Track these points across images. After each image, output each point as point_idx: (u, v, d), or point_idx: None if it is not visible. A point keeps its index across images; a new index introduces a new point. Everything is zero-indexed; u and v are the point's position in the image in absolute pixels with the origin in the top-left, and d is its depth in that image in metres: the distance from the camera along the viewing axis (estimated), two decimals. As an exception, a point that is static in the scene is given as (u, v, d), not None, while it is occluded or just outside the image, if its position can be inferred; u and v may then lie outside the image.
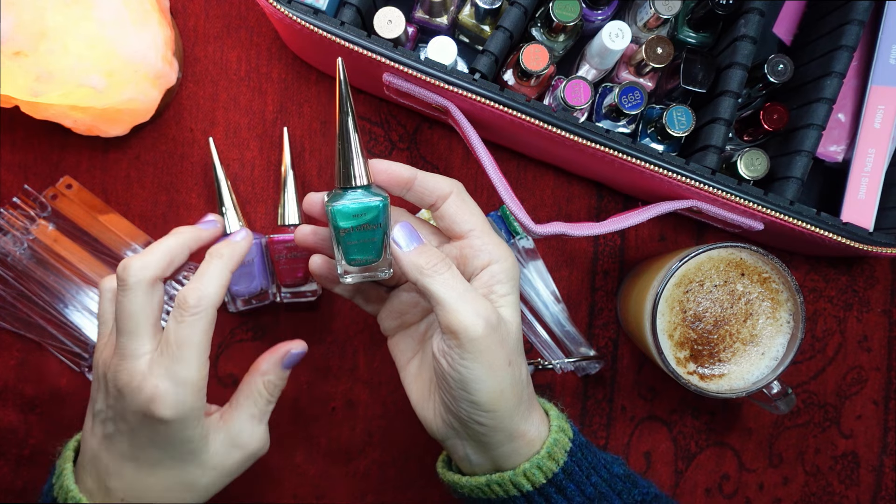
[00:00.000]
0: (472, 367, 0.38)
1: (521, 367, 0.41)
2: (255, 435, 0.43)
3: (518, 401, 0.40)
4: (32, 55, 0.43)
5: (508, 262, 0.41)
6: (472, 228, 0.41)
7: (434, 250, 0.40)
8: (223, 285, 0.39)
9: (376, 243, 0.40)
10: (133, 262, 0.39)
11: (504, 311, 0.40)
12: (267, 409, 0.43)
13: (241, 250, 0.41)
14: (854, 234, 0.51)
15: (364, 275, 0.41)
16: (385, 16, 0.51)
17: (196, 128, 0.57)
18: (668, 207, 0.51)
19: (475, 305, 0.38)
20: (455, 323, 0.38)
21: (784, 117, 0.54)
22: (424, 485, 0.58)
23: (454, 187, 0.41)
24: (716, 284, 0.50)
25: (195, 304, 0.38)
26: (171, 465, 0.40)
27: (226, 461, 0.42)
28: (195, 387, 0.38)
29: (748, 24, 0.51)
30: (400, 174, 0.41)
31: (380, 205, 0.39)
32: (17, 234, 0.55)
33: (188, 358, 0.38)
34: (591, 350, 0.57)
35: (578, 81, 0.51)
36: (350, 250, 0.40)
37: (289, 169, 0.55)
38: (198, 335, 0.38)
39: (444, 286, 0.38)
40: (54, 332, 0.55)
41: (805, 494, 0.60)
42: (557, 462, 0.41)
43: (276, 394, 0.44)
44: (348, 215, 0.39)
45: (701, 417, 0.60)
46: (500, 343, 0.39)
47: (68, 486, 0.41)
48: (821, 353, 0.61)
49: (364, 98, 0.58)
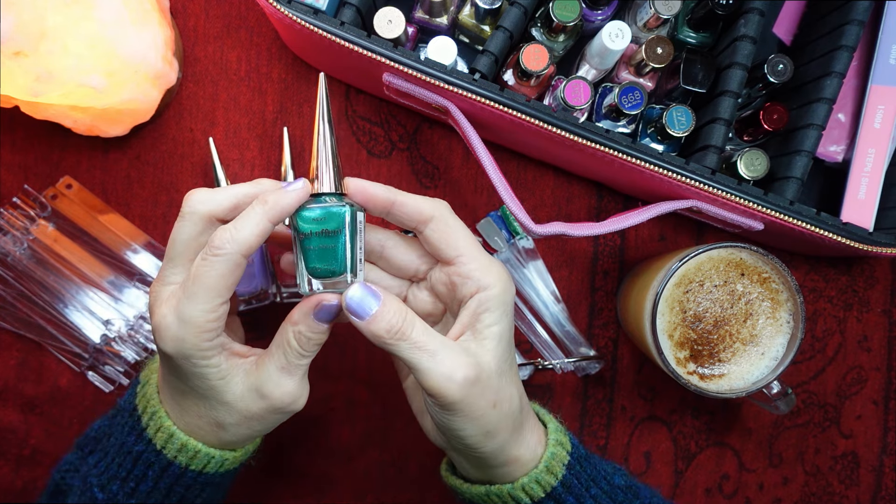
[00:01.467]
0: (454, 420, 0.38)
1: (511, 399, 0.40)
2: (281, 387, 0.39)
3: (509, 432, 0.40)
4: (32, 55, 0.43)
5: (498, 288, 0.39)
6: (459, 255, 0.39)
7: (393, 310, 0.37)
8: (258, 234, 0.36)
9: (337, 253, 0.38)
10: (195, 194, 0.37)
11: (487, 344, 0.38)
12: (298, 362, 0.39)
13: (288, 201, 0.37)
14: (854, 234, 0.51)
15: (325, 290, 0.39)
16: (385, 16, 0.51)
17: (196, 128, 0.57)
18: (668, 207, 0.51)
19: (450, 365, 0.37)
20: (430, 388, 0.37)
21: (784, 117, 0.54)
22: (424, 485, 0.58)
23: (436, 211, 0.39)
24: (716, 284, 0.50)
25: (219, 245, 0.35)
26: (197, 398, 0.40)
27: (251, 407, 0.39)
28: (199, 328, 0.36)
29: (748, 24, 0.51)
30: (375, 196, 0.39)
31: (343, 212, 0.37)
32: (17, 234, 0.55)
33: (198, 297, 0.36)
34: (591, 350, 0.57)
35: (578, 81, 0.51)
36: (310, 257, 0.38)
37: (289, 169, 0.55)
38: (213, 277, 0.36)
39: (412, 351, 0.37)
40: (54, 332, 0.55)
41: (805, 494, 0.60)
42: (556, 476, 0.41)
43: (310, 348, 0.39)
44: (308, 219, 0.37)
45: (701, 417, 0.60)
46: (480, 394, 0.38)
47: (151, 395, 0.41)
48: (821, 353, 0.61)
49: (364, 98, 0.58)
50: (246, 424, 0.40)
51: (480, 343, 0.38)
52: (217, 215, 0.37)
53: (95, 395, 0.56)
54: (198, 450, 0.41)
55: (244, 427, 0.40)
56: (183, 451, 0.40)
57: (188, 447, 0.40)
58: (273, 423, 0.41)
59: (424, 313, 0.43)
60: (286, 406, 0.40)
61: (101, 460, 0.42)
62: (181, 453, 0.40)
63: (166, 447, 0.40)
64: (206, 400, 0.39)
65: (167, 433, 0.40)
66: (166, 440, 0.40)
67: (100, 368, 0.56)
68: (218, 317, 0.37)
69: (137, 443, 0.41)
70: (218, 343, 0.38)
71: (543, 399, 0.59)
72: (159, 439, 0.40)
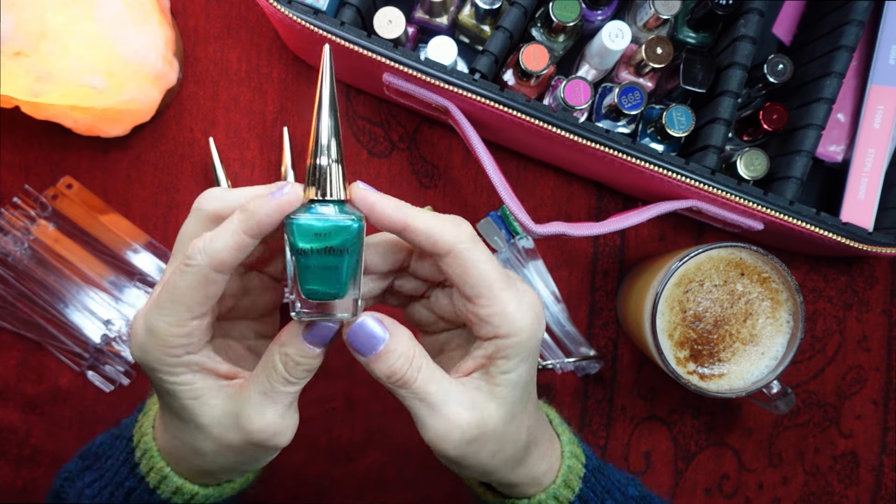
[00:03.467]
0: (455, 467, 0.36)
1: (517, 441, 0.36)
2: (263, 417, 0.34)
3: (515, 463, 0.37)
4: (33, 55, 0.43)
5: (521, 337, 0.33)
6: (479, 295, 0.33)
7: (400, 351, 0.33)
8: (232, 247, 0.31)
9: (340, 275, 0.32)
10: (208, 192, 0.34)
11: (500, 391, 0.34)
12: (283, 389, 0.34)
13: (267, 211, 0.31)
14: (854, 233, 0.51)
15: (320, 315, 0.33)
16: (385, 16, 0.51)
17: (196, 128, 0.57)
18: (667, 207, 0.51)
19: (451, 422, 0.33)
20: (427, 440, 0.34)
21: (784, 117, 0.54)
22: (424, 485, 0.58)
23: (456, 242, 0.33)
24: (715, 284, 0.50)
25: (191, 255, 0.31)
26: (172, 416, 0.36)
27: (228, 436, 0.34)
28: (164, 342, 0.32)
29: (748, 24, 0.51)
30: (384, 214, 0.32)
31: (353, 227, 0.31)
32: (17, 234, 0.55)
33: (164, 308, 0.32)
34: (591, 350, 0.57)
35: (578, 81, 0.51)
36: (307, 277, 0.32)
37: (289, 169, 0.55)
38: (181, 288, 0.31)
39: (411, 400, 0.33)
40: (55, 332, 0.55)
41: (805, 494, 0.61)
42: (573, 490, 0.39)
43: (299, 374, 0.34)
44: (309, 233, 0.31)
45: (701, 417, 0.60)
46: (479, 449, 0.34)
47: (146, 429, 0.39)
48: (820, 352, 0.61)
49: (364, 98, 0.58)
50: (224, 455, 0.35)
51: (492, 389, 0.34)
52: (224, 215, 0.33)
53: (96, 395, 0.56)
54: (194, 493, 0.38)
55: (223, 457, 0.36)
56: (178, 493, 0.38)
57: (184, 491, 0.38)
58: (255, 457, 0.36)
59: (446, 318, 0.39)
60: (266, 440, 0.34)
61: (97, 481, 0.39)
62: (176, 495, 0.38)
63: (160, 488, 0.38)
64: (182, 421, 0.35)
65: (160, 475, 0.37)
66: (159, 481, 0.38)
67: (100, 368, 0.56)
68: (186, 332, 0.32)
69: (129, 478, 0.38)
70: (191, 361, 0.33)
71: (543, 399, 0.59)
72: (152, 479, 0.38)
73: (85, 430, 0.56)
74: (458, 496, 0.58)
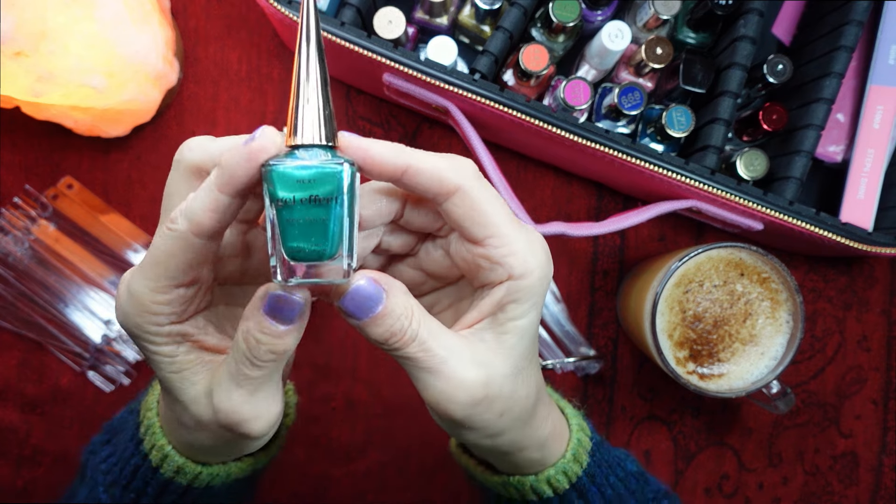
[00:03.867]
0: (460, 431, 0.33)
1: (527, 398, 0.34)
2: (230, 400, 0.30)
3: (523, 423, 0.35)
4: (33, 55, 0.43)
5: (535, 276, 0.31)
6: (489, 236, 0.30)
7: (399, 310, 0.30)
8: (209, 208, 0.27)
9: (329, 228, 0.27)
10: (188, 141, 0.30)
11: (508, 339, 0.31)
12: (248, 372, 0.30)
13: (237, 160, 0.27)
14: (853, 234, 0.51)
15: (309, 280, 0.28)
16: (385, 16, 0.51)
17: (197, 128, 0.57)
18: (667, 207, 0.51)
19: (455, 382, 0.30)
20: (428, 403, 0.31)
21: (783, 118, 0.54)
22: (424, 485, 0.58)
23: (462, 179, 0.30)
24: (715, 284, 0.50)
25: (174, 217, 0.28)
26: (164, 392, 0.34)
27: (201, 416, 0.31)
28: (145, 308, 0.29)
29: (748, 24, 0.51)
30: (381, 157, 0.29)
31: (339, 171, 0.27)
32: (18, 234, 0.55)
33: (145, 271, 0.29)
34: (590, 350, 0.57)
35: (578, 82, 0.51)
36: (290, 233, 0.27)
37: None
38: (162, 253, 0.28)
39: (411, 360, 0.30)
40: (55, 332, 0.55)
41: (804, 494, 0.61)
42: (581, 464, 0.37)
43: (263, 356, 0.29)
44: (291, 180, 0.27)
45: (701, 417, 0.60)
46: (486, 409, 0.32)
47: (150, 404, 0.37)
48: (820, 352, 0.61)
49: (364, 98, 0.58)
50: (204, 435, 0.33)
51: (499, 338, 0.32)
52: (206, 167, 0.30)
53: (96, 395, 0.56)
54: (197, 473, 0.36)
55: (204, 437, 0.33)
56: (181, 473, 0.36)
57: (185, 470, 0.36)
58: (235, 443, 0.33)
59: (437, 275, 0.35)
60: (233, 426, 0.31)
61: (111, 456, 0.38)
62: (179, 475, 0.36)
63: (162, 466, 0.36)
64: (169, 396, 0.32)
65: (161, 453, 0.36)
66: (161, 459, 0.36)
67: (101, 368, 0.56)
68: (168, 300, 0.29)
69: (135, 455, 0.37)
70: (174, 331, 0.30)
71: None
72: (154, 457, 0.36)
73: (85, 430, 0.56)
74: (458, 496, 0.58)
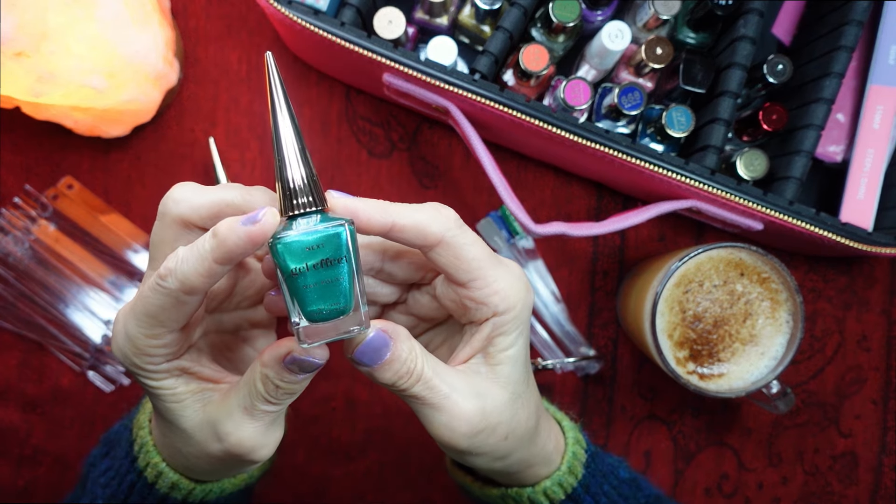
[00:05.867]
0: (468, 458, 0.35)
1: (528, 420, 0.36)
2: (240, 430, 0.32)
3: (528, 441, 0.37)
4: (34, 56, 0.43)
5: (517, 309, 0.33)
6: (473, 278, 0.33)
7: (404, 356, 0.32)
8: (201, 273, 0.29)
9: (342, 284, 0.29)
10: (176, 189, 0.31)
11: (501, 370, 0.34)
12: (263, 408, 0.32)
13: (236, 241, 0.28)
14: (853, 234, 0.51)
15: (330, 338, 0.30)
16: (385, 16, 0.51)
17: (197, 128, 0.57)
18: (667, 207, 0.51)
19: (456, 416, 0.33)
20: (435, 437, 0.33)
21: (783, 118, 0.54)
22: (424, 485, 0.58)
23: (444, 230, 0.32)
24: (715, 284, 0.50)
25: (163, 274, 0.29)
26: (160, 416, 0.35)
27: (208, 444, 0.33)
28: (139, 349, 0.31)
29: (747, 24, 0.51)
30: (369, 218, 0.31)
31: (341, 232, 0.29)
32: (18, 234, 0.55)
33: (142, 320, 0.30)
34: (590, 350, 0.57)
35: (578, 82, 0.51)
36: (308, 299, 0.29)
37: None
38: (154, 306, 0.30)
39: (416, 398, 0.33)
40: (55, 332, 0.55)
41: (804, 494, 0.61)
42: (576, 476, 0.40)
43: (279, 397, 0.32)
44: (299, 251, 0.28)
45: (701, 417, 0.60)
46: (489, 436, 0.34)
47: (143, 422, 0.38)
48: (820, 352, 0.61)
49: (364, 98, 0.58)
50: (205, 460, 0.34)
51: (493, 369, 0.34)
52: (193, 221, 0.31)
53: (96, 395, 0.56)
54: (191, 489, 0.37)
55: (205, 462, 0.35)
56: (176, 489, 0.37)
57: (180, 486, 0.37)
58: (237, 466, 0.35)
59: (427, 318, 0.38)
60: (244, 454, 0.33)
61: (109, 470, 0.39)
62: (174, 491, 0.37)
63: (157, 483, 0.37)
64: (167, 422, 0.34)
65: (156, 470, 0.37)
66: (156, 476, 0.37)
67: (101, 368, 0.56)
68: (163, 344, 0.31)
69: (130, 472, 0.38)
70: (171, 366, 0.33)
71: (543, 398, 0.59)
72: (149, 474, 0.37)
73: (86, 430, 0.56)
74: (458, 496, 0.58)
